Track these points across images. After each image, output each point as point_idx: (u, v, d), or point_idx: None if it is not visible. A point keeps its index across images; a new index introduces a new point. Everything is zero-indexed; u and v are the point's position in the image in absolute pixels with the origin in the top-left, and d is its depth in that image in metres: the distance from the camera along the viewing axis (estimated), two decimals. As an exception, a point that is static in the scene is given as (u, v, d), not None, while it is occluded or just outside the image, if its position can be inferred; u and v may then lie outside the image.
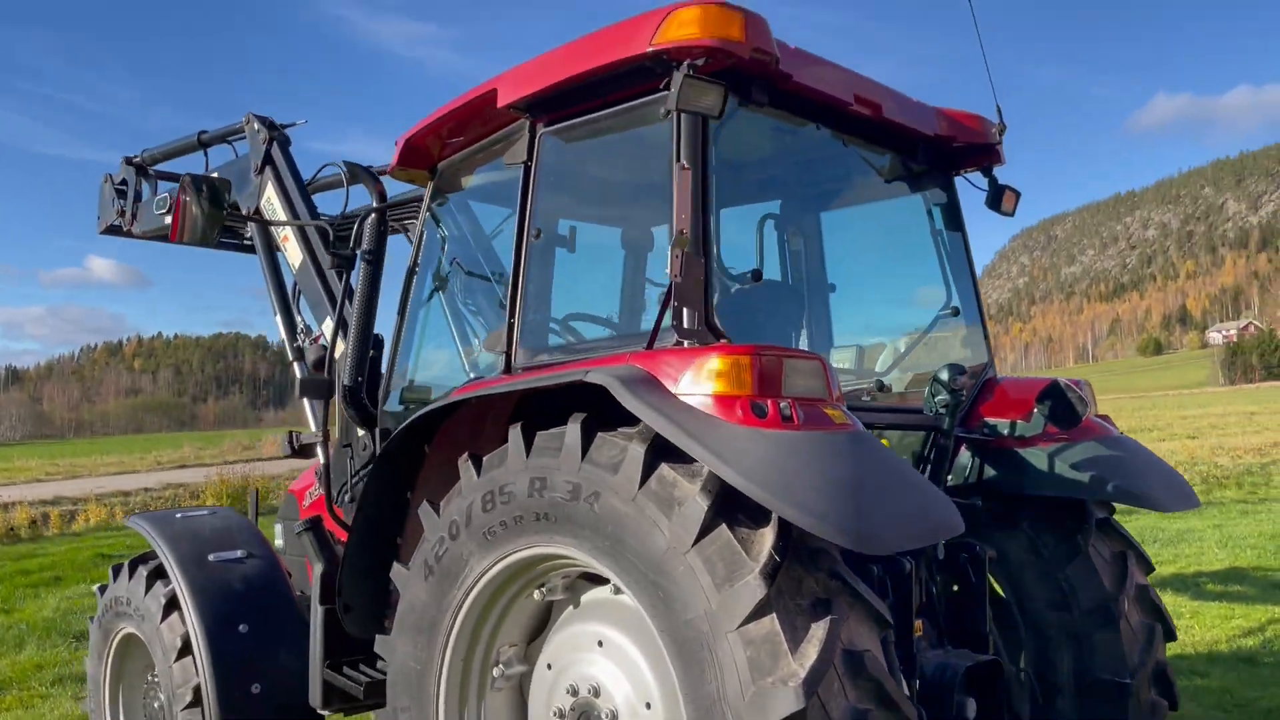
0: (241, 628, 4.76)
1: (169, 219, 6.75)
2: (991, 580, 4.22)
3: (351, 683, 4.40)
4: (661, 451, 3.02)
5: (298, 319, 5.74)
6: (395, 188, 5.27)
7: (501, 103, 3.94)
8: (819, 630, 2.75)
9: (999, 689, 3.78)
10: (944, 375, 3.97)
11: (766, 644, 2.73)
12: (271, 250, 5.96)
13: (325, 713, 4.56)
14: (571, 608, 3.66)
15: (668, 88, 3.45)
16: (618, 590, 3.40)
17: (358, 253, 4.90)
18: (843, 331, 4.93)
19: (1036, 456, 4.19)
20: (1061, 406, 4.16)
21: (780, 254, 4.92)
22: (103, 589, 5.52)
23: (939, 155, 4.62)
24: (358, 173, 5.14)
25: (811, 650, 2.71)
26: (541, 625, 3.78)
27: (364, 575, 4.22)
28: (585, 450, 3.17)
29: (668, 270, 3.30)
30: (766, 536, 2.83)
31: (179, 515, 5.33)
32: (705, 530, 2.85)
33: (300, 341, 5.63)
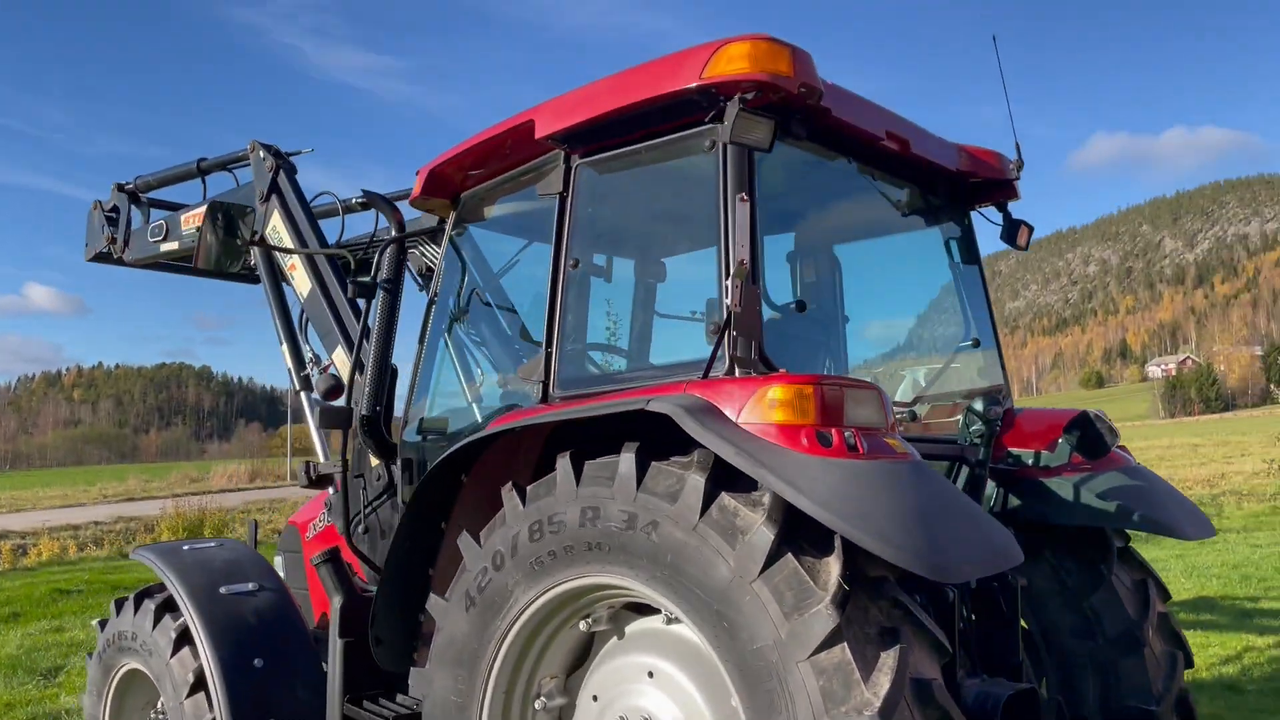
0: (256, 662, 4.65)
1: (164, 246, 6.69)
2: None
3: (375, 717, 4.33)
4: (720, 480, 3.03)
5: (305, 348, 5.68)
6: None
7: (540, 134, 3.95)
8: (889, 659, 2.76)
9: (1037, 717, 3.80)
10: (978, 405, 4.02)
11: (839, 673, 2.73)
12: (277, 279, 5.90)
13: None
14: (616, 638, 3.63)
15: (713, 121, 3.50)
16: (669, 620, 3.39)
17: (378, 281, 4.86)
18: (863, 361, 4.98)
19: (1062, 486, 4.24)
20: (1091, 437, 4.22)
21: (798, 283, 4.97)
22: (103, 624, 5.38)
23: (958, 190, 4.71)
24: (375, 201, 5.11)
25: (883, 679, 2.72)
26: (581, 657, 3.75)
27: (397, 608, 4.16)
28: (640, 479, 3.16)
29: (726, 300, 3.31)
30: (832, 565, 2.83)
31: (186, 547, 5.22)
32: (772, 559, 2.85)
33: (309, 370, 5.56)
